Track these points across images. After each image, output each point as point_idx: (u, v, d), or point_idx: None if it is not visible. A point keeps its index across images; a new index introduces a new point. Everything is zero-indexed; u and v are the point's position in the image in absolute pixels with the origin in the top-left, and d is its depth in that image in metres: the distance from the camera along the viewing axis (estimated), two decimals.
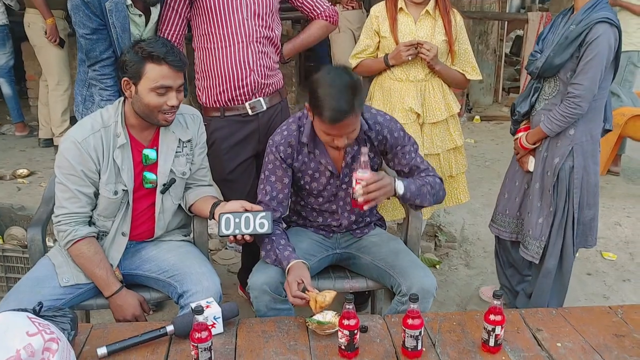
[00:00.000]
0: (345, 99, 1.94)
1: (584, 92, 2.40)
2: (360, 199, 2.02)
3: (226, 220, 2.07)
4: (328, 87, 1.97)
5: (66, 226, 2.08)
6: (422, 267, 2.23)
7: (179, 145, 2.21)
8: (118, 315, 2.10)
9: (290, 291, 1.97)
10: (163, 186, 2.19)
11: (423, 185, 2.19)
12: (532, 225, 2.68)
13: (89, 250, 2.09)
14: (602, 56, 2.36)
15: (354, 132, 2.06)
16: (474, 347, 1.80)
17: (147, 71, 2.00)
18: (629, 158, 5.09)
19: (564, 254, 2.67)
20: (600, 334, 1.88)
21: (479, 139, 5.69)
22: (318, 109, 1.98)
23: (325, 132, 2.04)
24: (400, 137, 2.23)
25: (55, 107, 4.95)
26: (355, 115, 2.00)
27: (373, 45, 2.92)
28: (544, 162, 2.61)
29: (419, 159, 2.27)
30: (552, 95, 2.56)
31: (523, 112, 2.67)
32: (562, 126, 2.49)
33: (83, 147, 2.04)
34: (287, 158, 2.21)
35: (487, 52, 6.71)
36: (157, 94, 2.02)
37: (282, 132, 2.23)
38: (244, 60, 2.53)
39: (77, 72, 2.63)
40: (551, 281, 2.71)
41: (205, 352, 1.65)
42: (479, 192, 4.25)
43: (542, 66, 2.51)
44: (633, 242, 3.82)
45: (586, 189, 2.59)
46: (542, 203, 2.65)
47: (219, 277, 2.15)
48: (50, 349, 1.51)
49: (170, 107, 2.04)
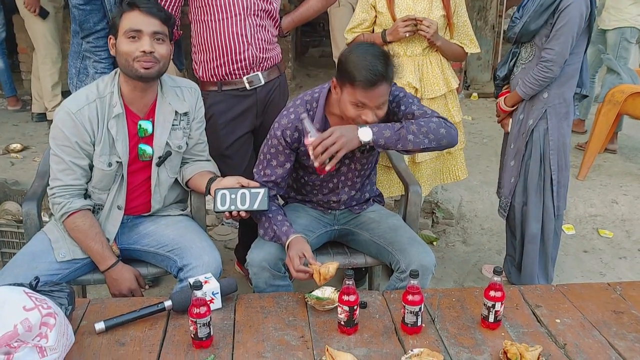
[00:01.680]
0: (381, 63, 1.92)
1: (555, 57, 2.53)
2: (316, 163, 1.99)
3: (222, 196, 2.05)
4: (363, 53, 1.95)
5: (61, 199, 2.06)
6: (421, 243, 2.21)
7: (176, 118, 2.17)
8: (114, 289, 2.09)
9: (293, 266, 1.95)
10: (159, 159, 2.16)
11: (404, 127, 2.00)
12: (504, 184, 2.85)
13: (84, 223, 2.07)
14: (573, 23, 2.48)
15: (384, 105, 2.01)
16: (473, 323, 1.80)
17: (122, 21, 2.01)
18: (627, 136, 5.08)
19: (545, 217, 2.78)
20: (599, 310, 1.88)
21: (477, 116, 5.65)
22: (352, 74, 1.92)
23: (356, 103, 1.97)
24: (400, 97, 2.13)
25: (45, 81, 4.85)
26: (388, 84, 1.96)
27: (369, 19, 2.86)
28: (520, 124, 2.74)
29: (414, 107, 2.11)
30: (528, 60, 2.67)
31: (502, 76, 2.82)
32: (536, 89, 2.62)
33: (77, 118, 2.01)
34: (293, 142, 2.13)
35: (485, 28, 6.63)
36: (129, 39, 1.99)
37: (289, 115, 2.13)
38: (242, 33, 2.48)
39: (70, 44, 2.58)
40: (537, 247, 2.82)
41: (204, 328, 1.64)
42: (477, 169, 4.24)
43: (519, 32, 2.62)
44: (629, 220, 3.83)
45: (563, 151, 2.71)
46: (514, 163, 2.79)
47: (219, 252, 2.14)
48: (48, 323, 1.50)
49: (142, 53, 1.99)
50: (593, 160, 4.24)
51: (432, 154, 2.93)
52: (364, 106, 1.97)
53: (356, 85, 1.93)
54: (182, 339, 1.70)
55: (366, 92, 1.93)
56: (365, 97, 1.95)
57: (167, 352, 1.65)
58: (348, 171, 2.27)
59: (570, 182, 2.88)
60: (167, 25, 2.06)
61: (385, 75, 1.92)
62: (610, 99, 4.16)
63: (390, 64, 1.96)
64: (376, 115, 2.00)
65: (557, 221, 2.83)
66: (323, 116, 2.12)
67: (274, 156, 2.16)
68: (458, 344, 1.70)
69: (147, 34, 2.00)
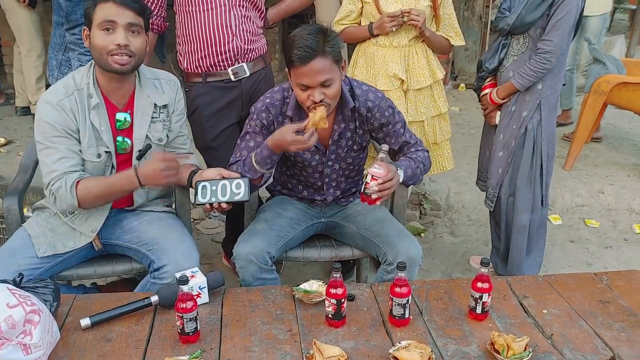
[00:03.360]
0: (314, 39, 1.91)
1: (554, 49, 2.52)
2: (374, 195, 1.97)
3: (202, 188, 2.03)
4: (298, 32, 1.95)
5: (58, 182, 1.97)
6: (408, 235, 2.21)
7: (155, 111, 2.13)
8: (155, 181, 1.99)
9: (296, 140, 1.94)
10: (139, 152, 2.12)
11: (417, 167, 2.16)
12: (491, 174, 2.84)
13: (90, 182, 1.98)
14: (571, 15, 2.49)
15: (331, 86, 1.97)
16: (461, 314, 1.80)
17: (96, 12, 1.95)
18: (613, 126, 5.11)
19: (534, 207, 2.79)
20: (586, 300, 1.89)
21: (464, 107, 5.65)
22: (288, 56, 1.93)
23: (300, 84, 1.96)
24: (390, 115, 2.18)
25: (29, 75, 4.78)
26: (326, 58, 1.93)
27: (356, 10, 2.85)
28: (511, 115, 2.73)
29: (408, 135, 2.23)
30: (520, 51, 2.66)
31: (492, 68, 2.77)
32: (532, 81, 2.61)
33: (60, 106, 1.97)
34: (269, 125, 2.15)
35: (472, 18, 6.62)
36: (103, 31, 1.95)
37: (265, 100, 2.17)
38: (226, 24, 2.46)
39: (51, 36, 2.53)
40: (525, 238, 2.82)
41: (191, 322, 1.63)
42: (464, 160, 4.24)
43: (513, 23, 2.59)
44: (615, 210, 3.85)
45: (552, 141, 2.73)
46: (503, 154, 2.78)
47: (198, 252, 2.10)
48: (32, 320, 1.49)
49: (117, 47, 1.95)
50: (580, 150, 4.27)
51: None
52: (307, 87, 1.96)
53: (293, 66, 1.93)
54: (168, 334, 1.69)
55: (302, 70, 1.92)
56: (303, 76, 1.93)
57: (153, 348, 1.64)
58: (332, 172, 2.27)
59: (557, 172, 2.92)
60: (143, 16, 2.01)
61: (317, 49, 1.90)
62: (597, 89, 4.17)
63: (326, 39, 1.93)
64: (325, 94, 1.97)
65: (544, 210, 2.85)
66: (295, 104, 2.11)
67: (252, 137, 2.17)
68: (446, 335, 1.70)
69: (121, 26, 1.95)
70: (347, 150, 2.23)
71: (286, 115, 2.14)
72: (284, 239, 2.21)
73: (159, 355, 1.60)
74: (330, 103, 2.01)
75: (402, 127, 2.22)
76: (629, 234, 3.66)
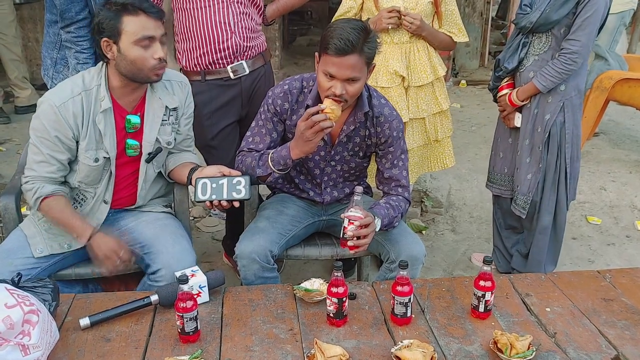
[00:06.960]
0: (356, 35, 1.89)
1: (581, 49, 2.42)
2: (350, 243, 1.94)
3: (202, 186, 2.01)
4: (343, 24, 1.94)
5: (32, 185, 1.99)
6: (411, 234, 2.20)
7: (165, 113, 2.12)
8: (99, 253, 1.97)
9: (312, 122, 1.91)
10: (149, 155, 2.11)
11: (395, 217, 2.11)
12: (520, 181, 2.71)
13: (57, 204, 2.01)
14: (599, 13, 2.39)
15: (355, 84, 1.96)
16: (463, 313, 1.79)
17: (125, 25, 1.90)
18: (615, 122, 5.09)
19: (558, 209, 2.72)
20: (589, 298, 1.88)
21: (465, 103, 5.64)
22: (326, 42, 1.91)
23: (326, 72, 1.94)
24: (397, 137, 2.16)
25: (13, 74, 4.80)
26: (361, 57, 1.92)
27: (356, 6, 2.82)
28: (534, 118, 2.62)
29: (404, 173, 2.20)
30: (542, 50, 2.55)
31: (511, 68, 2.64)
32: (556, 82, 2.50)
33: (61, 112, 1.95)
34: (282, 113, 2.13)
35: (473, 15, 6.60)
36: (141, 47, 1.92)
37: (283, 86, 2.14)
38: (225, 21, 2.44)
39: (44, 35, 2.51)
40: (548, 238, 2.76)
41: (191, 322, 1.62)
42: (465, 157, 4.23)
43: (536, 21, 2.48)
44: (617, 207, 3.83)
45: (576, 143, 2.64)
46: (531, 159, 2.66)
47: (194, 253, 2.09)
48: (30, 321, 1.47)
49: (158, 61, 1.94)
50: (582, 146, 4.24)
51: (419, 141, 2.91)
52: (332, 78, 1.94)
53: (328, 52, 1.92)
54: (168, 334, 1.67)
55: (335, 60, 1.91)
56: (334, 65, 1.92)
57: (153, 348, 1.62)
58: (332, 172, 2.26)
59: None
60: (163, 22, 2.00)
61: (356, 46, 1.89)
62: (599, 86, 4.15)
63: (368, 39, 1.92)
64: (346, 91, 1.95)
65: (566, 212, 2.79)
66: (316, 94, 2.09)
67: (265, 123, 2.15)
68: (448, 334, 1.69)
69: (157, 39, 1.94)
70: (352, 154, 2.21)
71: (303, 104, 2.12)
72: (285, 237, 2.20)
73: (159, 355, 1.59)
74: (348, 100, 1.99)
75: (401, 160, 2.19)
76: (631, 231, 3.64)
